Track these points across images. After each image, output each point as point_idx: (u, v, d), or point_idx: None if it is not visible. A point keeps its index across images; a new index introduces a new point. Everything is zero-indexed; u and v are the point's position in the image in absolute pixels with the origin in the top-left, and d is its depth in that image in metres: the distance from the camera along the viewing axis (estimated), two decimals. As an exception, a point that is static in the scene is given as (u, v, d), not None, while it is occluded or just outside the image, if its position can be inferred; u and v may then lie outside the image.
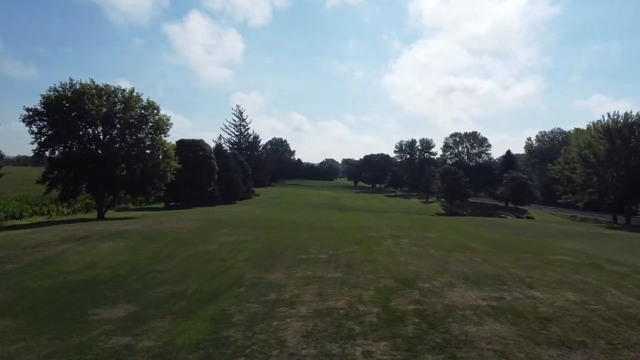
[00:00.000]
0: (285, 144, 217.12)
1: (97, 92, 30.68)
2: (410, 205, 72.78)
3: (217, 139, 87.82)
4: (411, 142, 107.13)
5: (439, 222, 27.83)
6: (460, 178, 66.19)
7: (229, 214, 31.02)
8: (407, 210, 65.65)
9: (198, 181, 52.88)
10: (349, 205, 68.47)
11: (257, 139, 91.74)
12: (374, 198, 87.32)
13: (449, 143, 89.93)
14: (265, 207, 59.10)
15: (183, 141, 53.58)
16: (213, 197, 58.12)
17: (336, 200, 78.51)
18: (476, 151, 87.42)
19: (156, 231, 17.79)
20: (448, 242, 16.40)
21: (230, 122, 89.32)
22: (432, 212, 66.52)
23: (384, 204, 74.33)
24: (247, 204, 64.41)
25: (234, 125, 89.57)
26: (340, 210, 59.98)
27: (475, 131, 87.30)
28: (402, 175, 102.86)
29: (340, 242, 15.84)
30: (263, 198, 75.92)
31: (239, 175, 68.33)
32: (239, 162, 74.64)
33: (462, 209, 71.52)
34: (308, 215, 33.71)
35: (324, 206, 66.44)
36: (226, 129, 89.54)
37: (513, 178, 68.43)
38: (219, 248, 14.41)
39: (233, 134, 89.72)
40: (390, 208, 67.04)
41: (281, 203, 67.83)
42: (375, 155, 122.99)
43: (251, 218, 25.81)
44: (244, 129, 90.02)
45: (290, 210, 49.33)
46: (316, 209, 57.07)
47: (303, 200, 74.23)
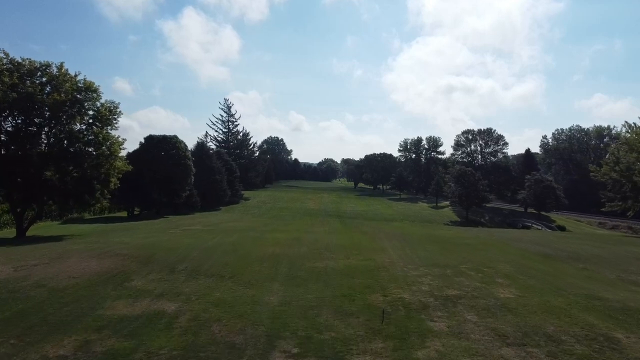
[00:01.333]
0: (282, 143, 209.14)
1: (7, 67, 22.74)
2: (419, 212, 64.92)
3: (203, 136, 80.00)
4: (417, 141, 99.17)
5: (480, 245, 19.94)
6: (477, 181, 58.37)
7: (188, 234, 23.09)
8: (418, 218, 57.80)
9: (171, 185, 44.90)
10: (350, 212, 60.56)
11: (248, 136, 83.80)
12: (377, 202, 79.45)
13: (461, 141, 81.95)
14: (252, 215, 51.13)
15: (152, 137, 45.60)
16: (191, 203, 50.15)
17: (335, 205, 70.58)
18: (491, 150, 79.49)
19: (12, 288, 9.89)
20: (544, 313, 8.45)
21: (217, 118, 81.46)
22: (445, 220, 58.69)
23: (390, 209, 66.45)
24: (231, 210, 56.46)
25: (221, 121, 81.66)
26: (340, 219, 52.10)
27: (490, 127, 79.77)
28: (407, 177, 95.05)
29: (344, 319, 7.93)
30: (252, 203, 67.97)
31: (223, 178, 60.35)
32: (225, 162, 66.66)
33: (479, 215, 63.71)
34: (299, 231, 25.86)
35: (321, 213, 58.51)
36: (213, 125, 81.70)
37: (537, 180, 60.65)
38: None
39: (220, 130, 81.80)
40: (398, 215, 59.15)
41: (271, 209, 59.86)
42: (377, 155, 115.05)
43: (210, 245, 17.88)
44: (233, 125, 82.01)
45: (279, 220, 41.39)
46: (312, 218, 49.13)
47: (298, 206, 66.28)
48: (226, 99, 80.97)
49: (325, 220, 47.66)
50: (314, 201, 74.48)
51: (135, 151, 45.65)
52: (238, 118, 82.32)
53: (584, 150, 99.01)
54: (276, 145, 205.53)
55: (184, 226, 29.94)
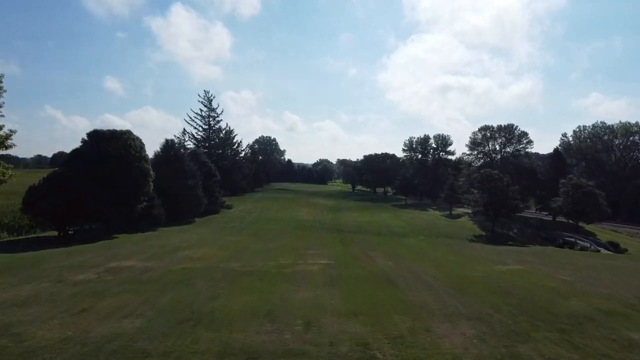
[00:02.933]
0: (274, 143, 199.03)
1: None
2: (433, 223, 55.26)
3: (180, 134, 69.82)
4: (424, 139, 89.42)
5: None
6: (507, 186, 48.85)
7: (78, 297, 12.94)
8: (434, 231, 48.12)
9: (123, 193, 34.80)
10: (352, 224, 50.75)
11: (231, 133, 73.30)
12: (382, 209, 69.73)
13: (477, 139, 72.24)
14: (230, 230, 41.11)
15: (98, 133, 35.44)
16: (152, 216, 39.99)
17: (333, 214, 60.71)
18: (512, 149, 69.97)
19: None
20: None
21: (196, 113, 71.05)
22: (467, 234, 49.09)
23: (399, 220, 56.72)
24: (206, 223, 46.42)
25: (200, 116, 71.23)
26: (340, 235, 42.32)
27: (511, 123, 70.19)
28: (412, 179, 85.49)
29: None
30: (235, 213, 57.93)
31: (198, 183, 50.27)
32: (202, 165, 56.57)
33: (504, 227, 54.19)
34: (281, 273, 15.96)
35: (315, 226, 48.62)
36: (191, 120, 71.26)
37: (575, 186, 51.30)
38: None
39: (200, 127, 71.33)
40: (410, 228, 49.40)
41: (256, 221, 49.85)
42: (378, 155, 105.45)
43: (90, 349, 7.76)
44: (214, 121, 71.61)
45: (260, 242, 31.40)
46: (305, 235, 39.23)
47: (288, 216, 56.34)
48: (206, 90, 71.00)
49: (323, 238, 37.88)
50: (308, 209, 64.56)
51: (74, 151, 35.59)
52: (220, 113, 72.17)
53: (608, 149, 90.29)
54: (268, 145, 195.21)
55: (114, 261, 19.88)
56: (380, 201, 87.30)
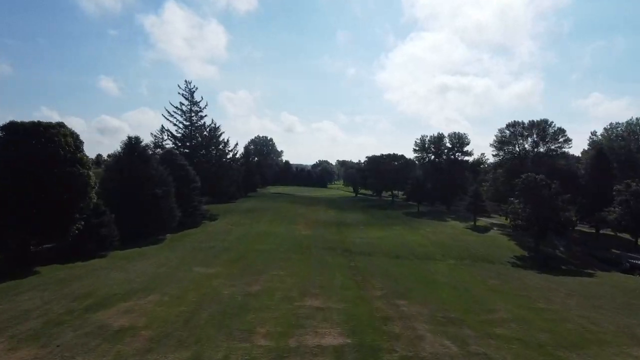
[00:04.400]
0: (271, 144, 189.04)
1: None
2: (461, 239, 45.74)
3: (158, 131, 60.23)
4: (437, 138, 79.80)
5: None
6: (556, 195, 39.40)
7: None
8: (466, 251, 38.60)
9: (48, 210, 25.26)
10: (362, 242, 41.20)
11: (217, 131, 63.28)
12: (393, 220, 60.19)
13: (505, 137, 62.48)
14: (205, 255, 31.50)
15: (15, 125, 25.85)
16: (101, 236, 30.38)
17: (337, 227, 51.14)
18: (546, 148, 60.43)
19: None
20: None
21: (176, 107, 61.20)
22: (506, 254, 39.63)
23: (417, 235, 47.18)
24: (177, 244, 36.87)
25: (180, 111, 61.35)
26: (348, 257, 32.97)
27: (545, 119, 60.42)
28: (425, 183, 75.99)
29: None
30: (218, 226, 48.36)
31: (170, 191, 40.73)
32: (178, 168, 47.06)
33: (549, 244, 44.70)
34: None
35: (317, 244, 39.10)
36: (170, 116, 61.46)
37: (636, 193, 41.91)
38: None
39: (181, 123, 61.52)
40: (435, 247, 39.85)
41: (242, 240, 40.24)
42: (384, 156, 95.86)
43: None
44: (197, 116, 61.83)
45: (241, 277, 21.85)
46: (302, 260, 29.66)
47: (283, 231, 46.76)
48: (188, 81, 61.27)
49: (326, 267, 28.48)
50: (307, 220, 55.00)
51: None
52: (204, 107, 62.39)
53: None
54: (264, 146, 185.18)
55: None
56: (388, 208, 77.78)
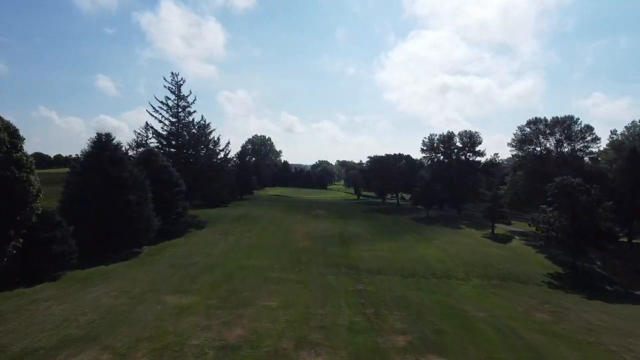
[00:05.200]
0: (269, 143, 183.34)
1: None
2: (482, 252, 40.28)
3: (142, 128, 54.69)
4: (447, 137, 74.29)
5: None
6: (597, 202, 33.97)
7: None
8: (490, 268, 33.11)
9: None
10: (371, 258, 35.74)
11: (207, 128, 57.56)
12: (403, 229, 54.76)
13: (526, 135, 56.71)
14: (180, 276, 26.01)
15: None
16: (53, 255, 24.94)
17: (339, 237, 45.65)
18: (572, 148, 54.81)
19: None
20: None
21: (161, 102, 55.46)
22: (539, 272, 34.22)
23: (433, 247, 41.68)
24: (150, 259, 31.46)
25: (166, 106, 55.65)
26: (355, 280, 27.68)
27: (570, 115, 54.70)
28: (434, 185, 70.49)
29: None
30: (205, 236, 42.91)
31: (146, 196, 35.32)
32: (159, 170, 41.60)
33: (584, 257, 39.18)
34: None
35: (317, 261, 33.67)
36: (155, 112, 55.87)
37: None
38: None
39: (167, 120, 55.83)
40: (455, 263, 34.35)
41: (230, 254, 34.75)
42: (389, 156, 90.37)
43: None
44: (185, 112, 56.14)
45: (219, 314, 16.42)
46: (299, 283, 24.15)
47: (278, 241, 41.27)
48: (174, 73, 55.67)
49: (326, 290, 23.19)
50: (305, 228, 49.53)
51: None
52: (192, 102, 56.75)
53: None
54: (262, 146, 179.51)
55: None
56: (395, 212, 72.32)
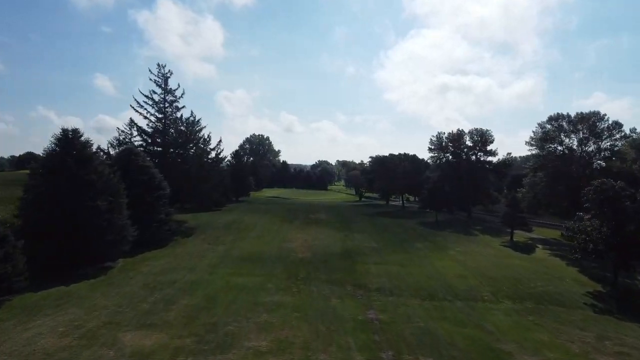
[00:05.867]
0: (268, 143, 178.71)
1: None
2: (505, 264, 35.68)
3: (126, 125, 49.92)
4: (457, 135, 69.60)
5: None
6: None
7: None
8: (521, 288, 28.47)
9: None
10: (380, 273, 31.07)
11: (196, 125, 52.46)
12: (413, 236, 50.16)
13: (548, 133, 51.70)
14: (152, 301, 21.37)
15: None
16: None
17: (342, 246, 41.04)
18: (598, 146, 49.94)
19: None
20: None
21: (147, 96, 50.54)
22: (576, 291, 29.57)
23: (450, 259, 37.08)
24: (119, 277, 26.90)
25: (152, 100, 50.80)
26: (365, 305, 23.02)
27: (596, 110, 49.76)
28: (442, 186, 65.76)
29: None
30: (191, 245, 38.34)
31: (119, 202, 30.71)
32: (139, 170, 36.98)
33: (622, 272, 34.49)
34: None
35: (318, 277, 29.10)
36: (140, 107, 50.98)
37: None
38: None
39: (153, 116, 50.95)
40: (479, 280, 29.66)
41: (217, 268, 30.14)
42: (394, 156, 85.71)
43: None
44: (172, 107, 51.27)
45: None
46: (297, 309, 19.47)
47: (274, 250, 36.60)
48: (161, 64, 50.88)
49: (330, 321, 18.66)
50: (305, 235, 44.86)
51: None
52: (180, 96, 51.85)
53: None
54: (260, 145, 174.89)
55: None
56: (400, 216, 67.63)
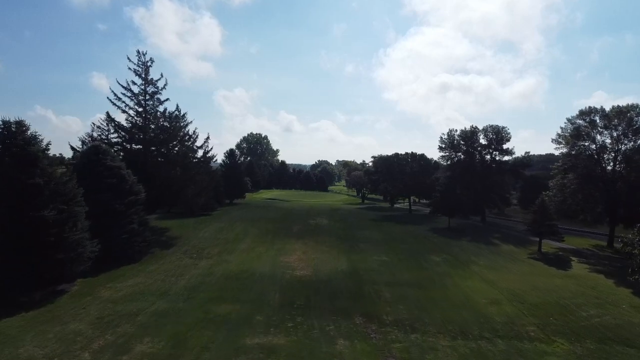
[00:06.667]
0: (265, 142, 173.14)
1: None
2: (542, 283, 29.98)
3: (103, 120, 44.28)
4: (470, 132, 63.82)
5: None
6: None
7: None
8: (577, 322, 22.71)
9: None
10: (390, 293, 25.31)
11: (181, 121, 46.13)
12: (424, 244, 44.55)
13: (580, 129, 45.76)
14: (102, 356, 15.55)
15: None
16: None
17: (346, 260, 35.41)
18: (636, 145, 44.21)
19: None
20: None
21: (125, 87, 44.70)
22: (635, 320, 23.76)
23: (472, 275, 31.40)
24: (66, 308, 21.07)
25: (131, 92, 44.90)
26: (383, 350, 16.91)
27: (635, 103, 43.68)
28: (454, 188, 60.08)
29: None
30: (167, 261, 32.67)
31: (74, 212, 25.04)
32: (104, 173, 31.25)
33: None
34: None
35: (321, 300, 23.39)
36: (117, 100, 45.06)
37: None
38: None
39: (132, 109, 45.01)
40: (519, 308, 23.98)
41: (193, 295, 24.42)
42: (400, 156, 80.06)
43: None
44: (153, 100, 45.41)
45: None
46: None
47: (267, 268, 30.88)
48: (141, 51, 45.15)
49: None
50: (304, 246, 39.12)
51: None
52: (163, 87, 45.80)
53: None
54: (258, 144, 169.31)
55: None
56: (409, 221, 61.86)
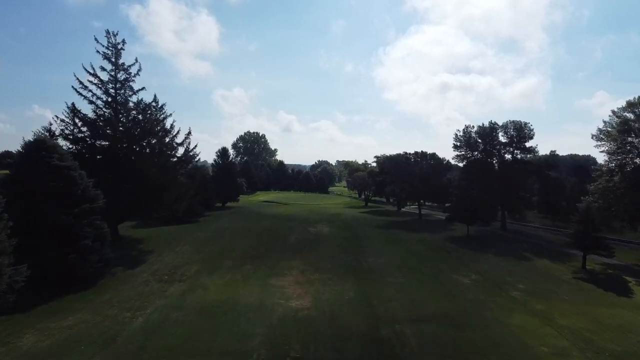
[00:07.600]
0: (263, 141, 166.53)
1: None
2: (615, 325, 23.41)
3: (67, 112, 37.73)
4: (489, 129, 57.25)
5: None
6: None
7: None
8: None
9: None
10: (412, 330, 18.55)
11: (160, 112, 39.54)
12: (443, 259, 38.22)
13: (629, 123, 39.19)
14: None
15: None
16: None
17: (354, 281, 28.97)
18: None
19: None
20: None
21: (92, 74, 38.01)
22: None
23: (515, 307, 25.05)
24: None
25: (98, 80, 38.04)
26: None
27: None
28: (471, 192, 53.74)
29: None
30: (129, 287, 26.13)
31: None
32: (48, 174, 24.76)
33: None
34: None
35: (324, 347, 16.49)
36: (83, 88, 38.40)
37: None
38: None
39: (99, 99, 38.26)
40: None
41: (148, 344, 17.56)
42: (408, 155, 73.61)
43: None
44: (125, 88, 38.69)
45: None
46: None
47: (254, 298, 24.36)
48: (111, 31, 38.63)
49: None
50: (301, 264, 32.57)
51: None
52: (136, 73, 39.16)
53: None
54: (255, 143, 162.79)
55: None
56: (421, 229, 55.38)
